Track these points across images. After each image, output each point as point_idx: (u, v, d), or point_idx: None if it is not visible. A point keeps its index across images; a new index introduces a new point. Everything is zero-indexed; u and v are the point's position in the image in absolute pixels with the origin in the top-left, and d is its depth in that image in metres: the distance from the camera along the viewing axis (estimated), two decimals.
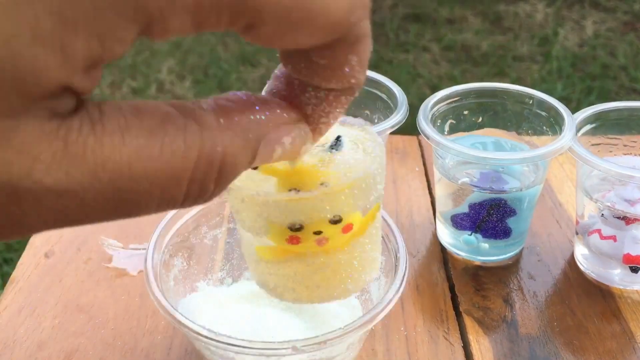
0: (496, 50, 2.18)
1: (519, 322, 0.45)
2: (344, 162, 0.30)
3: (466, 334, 0.44)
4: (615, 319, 0.45)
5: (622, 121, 0.49)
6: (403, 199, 0.57)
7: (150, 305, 0.45)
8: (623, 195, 0.45)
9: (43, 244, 0.50)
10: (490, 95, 0.51)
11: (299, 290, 0.32)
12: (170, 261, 0.40)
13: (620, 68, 2.07)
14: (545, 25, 2.36)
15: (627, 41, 2.23)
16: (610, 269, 0.47)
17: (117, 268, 0.48)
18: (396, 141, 0.66)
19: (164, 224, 0.39)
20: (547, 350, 0.42)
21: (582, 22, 2.38)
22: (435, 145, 0.46)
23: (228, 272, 0.45)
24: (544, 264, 0.50)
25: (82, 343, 0.42)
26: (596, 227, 0.47)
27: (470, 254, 0.50)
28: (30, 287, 0.46)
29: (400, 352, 0.42)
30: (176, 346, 0.42)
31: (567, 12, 2.45)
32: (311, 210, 0.29)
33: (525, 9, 2.47)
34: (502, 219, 0.47)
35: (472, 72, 2.05)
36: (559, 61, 2.09)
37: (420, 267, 0.49)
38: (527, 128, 0.51)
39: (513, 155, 0.44)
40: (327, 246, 0.30)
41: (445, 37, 2.26)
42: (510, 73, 2.03)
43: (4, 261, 1.29)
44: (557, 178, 0.60)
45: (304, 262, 0.31)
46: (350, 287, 0.30)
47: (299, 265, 0.31)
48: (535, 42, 2.23)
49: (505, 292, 0.47)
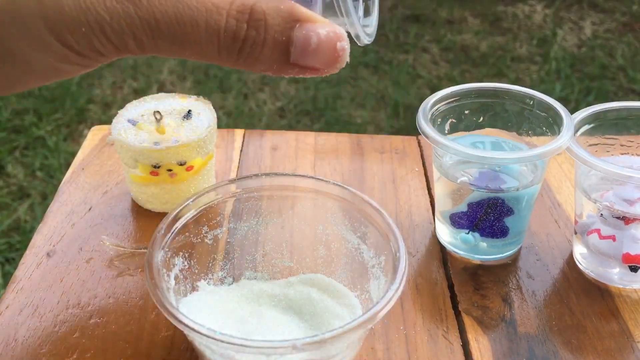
0: (495, 51, 2.18)
1: (517, 321, 0.45)
2: (191, 127, 0.52)
3: (465, 333, 0.44)
4: (613, 318, 0.45)
5: (620, 121, 0.49)
6: (403, 198, 0.57)
7: (151, 305, 0.45)
8: (622, 195, 0.45)
9: (45, 243, 0.51)
10: (491, 96, 0.51)
11: (155, 203, 0.54)
12: (171, 260, 0.40)
13: (618, 69, 2.08)
14: (543, 26, 2.36)
15: (625, 42, 2.23)
16: (609, 268, 0.47)
17: (118, 268, 0.48)
18: (396, 141, 0.66)
19: (165, 223, 0.40)
20: (545, 349, 0.43)
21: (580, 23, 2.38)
22: (434, 144, 0.46)
23: (229, 271, 0.45)
24: (543, 263, 0.50)
25: (83, 342, 0.42)
26: (595, 227, 0.47)
27: (468, 253, 0.50)
28: (32, 286, 0.46)
29: (399, 351, 0.42)
30: (177, 345, 0.42)
31: (565, 13, 2.45)
32: (165, 156, 0.50)
33: (524, 10, 2.48)
34: (499, 218, 0.48)
35: (471, 73, 2.05)
36: (557, 62, 2.09)
37: (419, 267, 0.50)
38: (527, 128, 0.51)
39: (511, 155, 0.44)
40: (175, 178, 0.52)
41: (444, 38, 2.27)
42: (509, 74, 2.04)
43: (6, 260, 1.29)
44: (555, 178, 0.60)
45: (159, 186, 0.52)
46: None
47: (155, 188, 0.53)
48: (534, 43, 2.24)
49: (504, 292, 0.47)
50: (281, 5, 0.27)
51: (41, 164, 1.57)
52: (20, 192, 1.49)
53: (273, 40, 0.27)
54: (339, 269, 0.44)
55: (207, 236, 0.43)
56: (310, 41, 0.27)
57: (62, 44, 0.27)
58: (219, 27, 0.27)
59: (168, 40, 0.27)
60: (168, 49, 0.28)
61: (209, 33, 0.27)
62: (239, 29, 0.27)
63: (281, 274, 0.45)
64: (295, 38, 0.27)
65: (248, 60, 0.28)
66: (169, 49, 0.28)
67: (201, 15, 0.27)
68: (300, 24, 0.27)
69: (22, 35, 0.27)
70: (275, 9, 0.27)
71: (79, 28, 0.26)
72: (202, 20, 0.27)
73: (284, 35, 0.27)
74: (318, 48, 0.27)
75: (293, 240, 0.46)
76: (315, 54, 0.28)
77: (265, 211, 0.45)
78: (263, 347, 0.32)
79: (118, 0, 0.26)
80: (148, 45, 0.27)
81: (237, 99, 1.87)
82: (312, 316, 0.42)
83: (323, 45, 0.27)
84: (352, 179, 0.60)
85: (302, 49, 0.27)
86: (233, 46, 0.27)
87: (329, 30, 0.27)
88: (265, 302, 0.43)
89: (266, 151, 0.64)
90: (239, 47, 0.27)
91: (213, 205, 0.43)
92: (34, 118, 1.73)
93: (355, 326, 0.33)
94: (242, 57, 0.28)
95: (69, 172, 0.60)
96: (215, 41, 0.27)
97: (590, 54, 2.14)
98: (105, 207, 0.55)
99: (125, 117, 0.53)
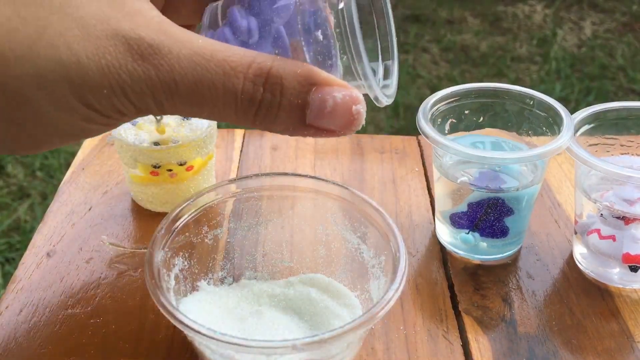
0: (495, 51, 2.18)
1: (517, 321, 0.45)
2: (190, 127, 0.52)
3: (465, 333, 0.44)
4: (613, 318, 0.45)
5: (620, 121, 0.49)
6: (403, 198, 0.57)
7: (151, 305, 0.45)
8: (622, 195, 0.45)
9: (45, 243, 0.51)
10: (491, 96, 0.51)
11: (155, 203, 0.54)
12: (171, 261, 0.40)
13: (618, 69, 2.08)
14: (544, 26, 2.36)
15: (625, 42, 2.23)
16: (609, 268, 0.47)
17: (118, 268, 0.48)
18: (396, 141, 0.66)
19: (165, 223, 0.40)
20: (545, 349, 0.43)
21: (580, 23, 2.38)
22: (433, 144, 0.46)
23: (229, 271, 0.45)
24: (543, 263, 0.50)
25: (83, 342, 0.42)
26: (595, 227, 0.47)
27: (468, 253, 0.50)
28: (32, 286, 0.46)
29: (399, 351, 0.42)
30: (177, 345, 0.42)
31: (565, 13, 2.46)
32: (165, 156, 0.50)
33: (524, 10, 2.48)
34: (499, 218, 0.48)
35: (471, 73, 2.05)
36: (557, 62, 2.09)
37: (419, 267, 0.50)
38: (527, 128, 0.51)
39: (510, 155, 0.44)
40: (175, 178, 0.52)
41: (444, 38, 2.27)
42: (509, 74, 2.04)
43: (6, 260, 1.29)
44: (555, 178, 0.60)
45: (159, 186, 0.52)
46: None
47: (155, 188, 0.52)
48: (534, 43, 2.24)
49: (504, 292, 0.47)
50: (298, 70, 0.28)
51: (41, 164, 1.57)
52: (20, 192, 1.49)
53: (289, 103, 0.28)
54: (339, 269, 0.44)
55: (207, 236, 0.43)
56: (326, 104, 0.28)
57: (86, 105, 0.28)
58: (236, 90, 0.28)
59: (187, 102, 0.28)
60: (187, 109, 0.29)
61: (226, 96, 0.28)
62: (255, 92, 0.28)
63: (281, 274, 0.45)
64: (311, 101, 0.28)
65: (264, 122, 0.29)
66: (187, 110, 0.29)
67: (219, 79, 0.27)
68: (317, 87, 0.28)
69: (48, 98, 0.27)
70: (292, 73, 0.28)
71: (101, 90, 0.27)
72: (220, 83, 0.27)
73: (300, 98, 0.28)
74: (333, 111, 0.28)
75: (293, 240, 0.46)
76: (330, 116, 0.28)
77: (265, 211, 0.45)
78: (263, 347, 0.32)
79: (139, 64, 0.27)
80: (167, 106, 0.28)
81: None
82: (312, 316, 0.42)
83: (339, 109, 0.28)
84: (352, 179, 0.60)
85: (318, 112, 0.28)
86: (250, 109, 0.28)
87: (344, 94, 0.28)
88: (265, 302, 0.43)
89: (266, 151, 0.64)
90: (255, 109, 0.28)
91: (213, 205, 0.43)
92: None
93: (355, 326, 0.33)
94: (258, 119, 0.29)
95: (69, 172, 0.60)
96: (233, 103, 0.28)
97: (590, 54, 2.15)
98: (105, 207, 0.55)
99: None
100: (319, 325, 0.41)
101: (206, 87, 0.28)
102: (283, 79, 0.28)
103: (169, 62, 0.27)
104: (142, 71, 0.27)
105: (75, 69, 0.27)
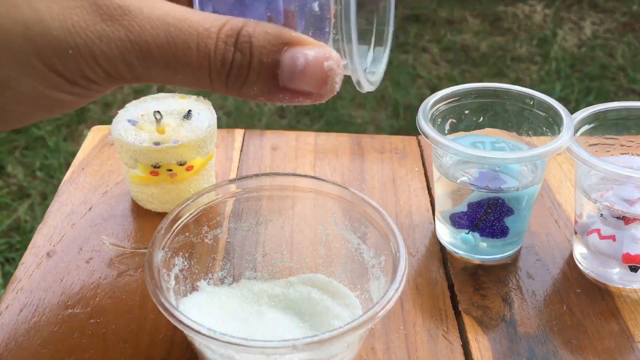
0: (495, 51, 2.18)
1: (517, 321, 0.45)
2: (191, 127, 0.52)
3: (465, 333, 0.44)
4: (613, 318, 0.45)
5: (620, 121, 0.49)
6: (402, 198, 0.57)
7: (151, 305, 0.45)
8: (622, 195, 0.45)
9: (45, 243, 0.51)
10: (491, 96, 0.51)
11: (155, 203, 0.54)
12: (171, 261, 0.40)
13: (618, 69, 2.08)
14: (544, 26, 2.36)
15: (625, 42, 2.23)
16: (610, 268, 0.47)
17: (118, 268, 0.48)
18: (396, 141, 0.66)
19: (165, 223, 0.40)
20: (545, 349, 0.43)
21: (580, 23, 2.38)
22: (434, 144, 0.46)
23: (229, 271, 0.45)
24: (543, 263, 0.50)
25: (83, 342, 0.42)
26: (595, 227, 0.47)
27: (468, 253, 0.50)
28: (32, 286, 0.46)
29: (399, 351, 0.42)
30: (177, 345, 0.42)
31: (565, 13, 2.45)
32: (165, 156, 0.50)
33: (524, 10, 2.48)
34: (499, 218, 0.48)
35: (471, 73, 2.05)
36: (557, 62, 2.09)
37: (419, 267, 0.50)
38: (527, 128, 0.51)
39: (510, 155, 0.44)
40: (175, 178, 0.52)
41: (444, 37, 2.27)
42: (509, 74, 2.04)
43: (6, 260, 1.29)
44: (555, 178, 0.60)
45: (159, 186, 0.52)
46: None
47: (155, 188, 0.52)
48: (534, 43, 2.24)
49: (504, 292, 0.47)
50: (269, 29, 0.27)
51: (41, 164, 1.57)
52: (20, 192, 1.49)
53: (259, 63, 0.27)
54: (339, 269, 0.44)
55: (207, 236, 0.43)
56: (297, 63, 0.27)
57: (50, 69, 0.27)
58: (209, 51, 0.27)
59: (161, 65, 0.27)
60: (160, 74, 0.28)
61: (200, 56, 0.27)
62: (227, 52, 0.27)
63: (281, 274, 0.45)
64: (282, 60, 0.27)
65: (237, 84, 0.28)
66: (161, 75, 0.28)
67: (193, 39, 0.27)
68: (289, 46, 0.27)
69: (9, 60, 0.26)
70: (262, 32, 0.27)
71: (66, 51, 0.26)
72: (194, 44, 0.27)
73: (270, 57, 0.27)
74: (305, 70, 0.27)
75: (293, 240, 0.46)
76: (303, 76, 0.27)
77: (265, 211, 0.45)
78: (263, 347, 0.32)
79: (108, 24, 0.26)
80: (140, 70, 0.27)
81: (237, 99, 1.87)
82: (312, 316, 0.42)
83: (310, 67, 0.27)
84: (352, 179, 0.60)
85: (290, 71, 0.27)
86: (223, 70, 0.27)
87: (317, 51, 0.27)
88: (265, 302, 0.43)
89: (266, 151, 0.64)
90: (227, 70, 0.27)
91: (213, 205, 0.43)
92: None
93: (355, 326, 0.33)
94: (230, 81, 0.28)
95: (69, 172, 0.60)
96: (206, 66, 0.27)
97: (590, 54, 2.14)
98: (105, 207, 0.55)
99: (125, 117, 0.53)
100: (319, 325, 0.41)
101: (180, 48, 0.27)
102: (252, 37, 0.27)
103: (139, 23, 0.26)
104: (111, 32, 0.26)
105: (39, 29, 0.26)
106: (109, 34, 0.26)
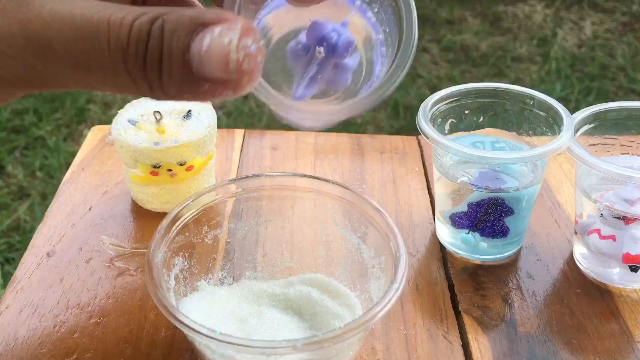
0: (495, 51, 2.18)
1: (517, 321, 0.45)
2: (190, 127, 0.52)
3: (465, 333, 0.44)
4: (614, 318, 0.45)
5: (620, 121, 0.49)
6: (403, 198, 0.57)
7: (151, 305, 0.45)
8: (622, 195, 0.45)
9: (45, 243, 0.51)
10: (491, 96, 0.51)
11: (155, 203, 0.54)
12: (171, 261, 0.40)
13: (618, 69, 2.08)
14: (544, 26, 2.36)
15: (625, 42, 2.23)
16: (610, 268, 0.47)
17: (118, 268, 0.48)
18: (396, 141, 0.66)
19: (165, 223, 0.40)
20: (546, 350, 0.43)
21: (580, 23, 2.38)
22: (434, 144, 0.46)
23: (229, 271, 0.45)
24: (543, 263, 0.50)
25: (83, 343, 0.42)
26: (595, 227, 0.47)
27: (468, 253, 0.50)
28: (32, 286, 0.46)
29: (399, 351, 0.42)
30: (177, 345, 0.42)
31: (565, 13, 2.45)
32: (165, 156, 0.50)
33: (524, 10, 2.48)
34: (499, 218, 0.48)
35: (471, 73, 2.05)
36: (557, 62, 2.09)
37: (419, 267, 0.50)
38: (527, 128, 0.51)
39: (511, 155, 0.44)
40: (175, 178, 0.52)
41: (444, 37, 2.26)
42: (509, 74, 2.04)
43: (6, 261, 1.29)
44: (555, 178, 0.60)
45: (159, 186, 0.52)
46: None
47: (155, 188, 0.53)
48: (534, 42, 2.24)
49: (505, 292, 0.47)
50: (187, 12, 0.23)
51: (41, 164, 1.57)
52: (20, 192, 1.49)
53: (169, 49, 0.23)
54: (339, 269, 0.44)
55: (207, 236, 0.43)
56: (203, 42, 0.22)
57: None
58: (122, 42, 0.23)
59: (69, 65, 0.23)
60: (71, 76, 0.24)
61: (112, 50, 0.23)
62: (140, 41, 0.23)
63: (281, 274, 0.45)
64: (192, 43, 0.23)
65: (156, 80, 0.23)
66: (72, 76, 0.24)
67: (103, 30, 0.23)
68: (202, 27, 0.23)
69: None
70: (177, 16, 0.23)
71: None
72: (104, 35, 0.23)
73: (181, 42, 0.23)
74: (209, 50, 0.22)
75: (293, 240, 0.46)
76: (208, 57, 0.22)
77: (265, 211, 0.45)
78: (263, 347, 0.32)
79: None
80: (46, 72, 0.24)
81: (237, 99, 1.87)
82: (312, 316, 0.42)
83: (213, 45, 0.22)
84: (352, 179, 0.60)
85: (197, 53, 0.23)
86: (137, 63, 0.23)
87: (223, 26, 0.22)
88: (265, 302, 0.43)
89: (266, 151, 0.64)
90: (142, 63, 0.23)
91: (213, 205, 0.43)
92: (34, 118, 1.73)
93: (355, 326, 0.33)
94: (149, 75, 0.23)
95: (69, 172, 0.60)
96: (121, 59, 0.23)
97: (590, 54, 2.14)
98: (105, 207, 0.55)
99: (125, 117, 0.53)
100: (319, 325, 0.41)
101: (89, 43, 0.23)
102: (165, 21, 0.23)
103: (39, 16, 0.23)
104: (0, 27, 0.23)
105: None
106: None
